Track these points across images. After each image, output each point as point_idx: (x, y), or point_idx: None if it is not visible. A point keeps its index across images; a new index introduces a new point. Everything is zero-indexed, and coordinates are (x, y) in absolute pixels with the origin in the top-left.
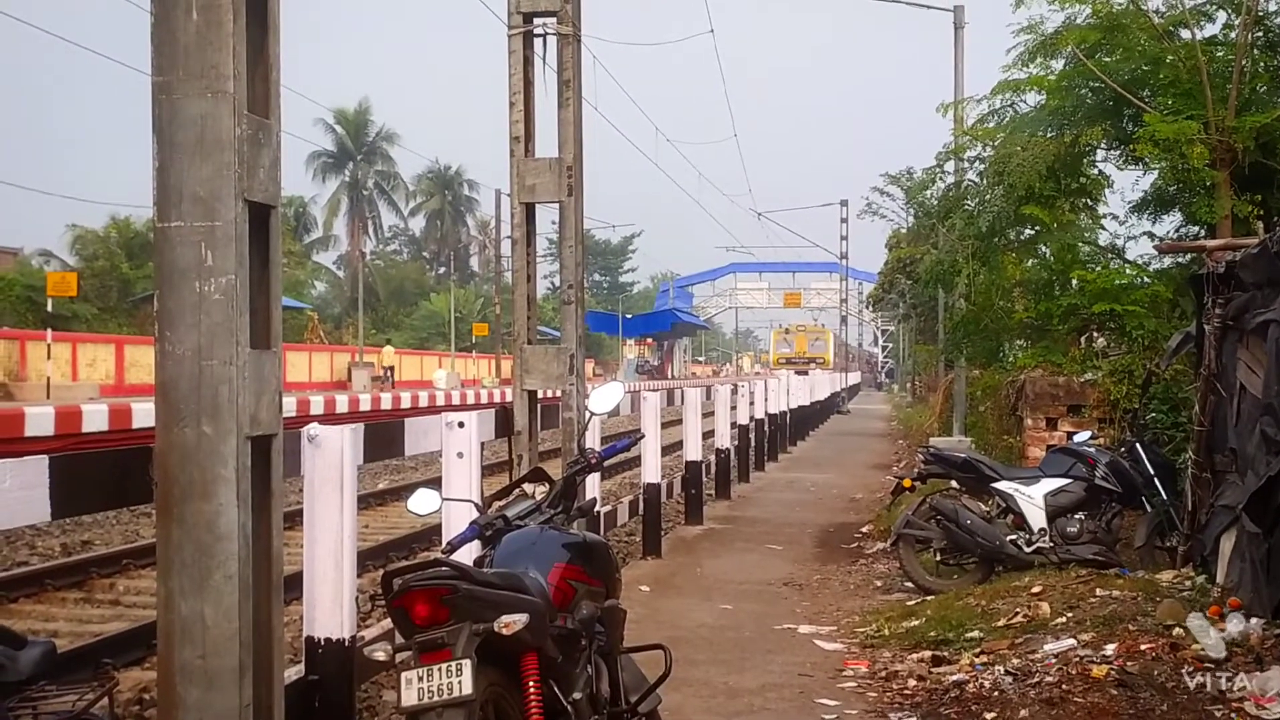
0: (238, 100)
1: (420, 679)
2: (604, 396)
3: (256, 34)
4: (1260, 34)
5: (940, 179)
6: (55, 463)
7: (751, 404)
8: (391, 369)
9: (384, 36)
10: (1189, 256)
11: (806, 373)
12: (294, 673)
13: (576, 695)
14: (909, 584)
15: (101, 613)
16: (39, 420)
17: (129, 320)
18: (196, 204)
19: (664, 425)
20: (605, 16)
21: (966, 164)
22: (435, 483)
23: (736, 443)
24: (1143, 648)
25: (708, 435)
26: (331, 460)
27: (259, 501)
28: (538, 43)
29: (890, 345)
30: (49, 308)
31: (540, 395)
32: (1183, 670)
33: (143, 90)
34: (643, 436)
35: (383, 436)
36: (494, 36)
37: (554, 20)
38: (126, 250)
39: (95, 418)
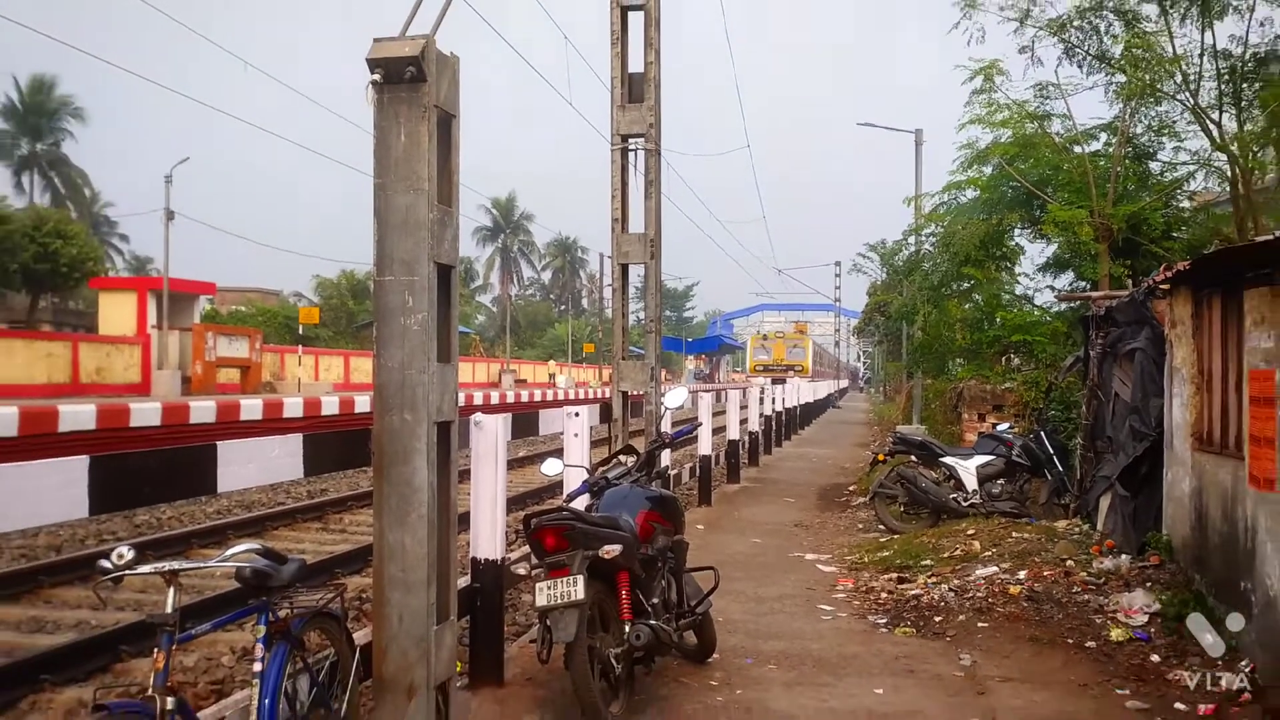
0: (430, 195)
1: (549, 588)
2: (674, 396)
3: (443, 150)
4: (1129, 149)
5: (905, 248)
6: (307, 438)
7: (774, 401)
8: (554, 375)
9: (526, 145)
10: (1079, 303)
11: (784, 381)
12: (463, 582)
13: (655, 600)
14: (881, 527)
15: (334, 538)
16: (293, 407)
17: (353, 340)
18: (402, 265)
19: (713, 415)
20: (674, 135)
21: (923, 238)
22: (558, 453)
23: (763, 427)
24: (1045, 574)
25: (743, 422)
26: (489, 438)
27: (441, 466)
28: (631, 155)
29: (869, 361)
30: (300, 331)
31: (630, 394)
32: (1074, 590)
33: (364, 185)
34: (700, 424)
35: (523, 422)
36: (602, 149)
37: (642, 140)
38: (352, 292)
39: (330, 405)
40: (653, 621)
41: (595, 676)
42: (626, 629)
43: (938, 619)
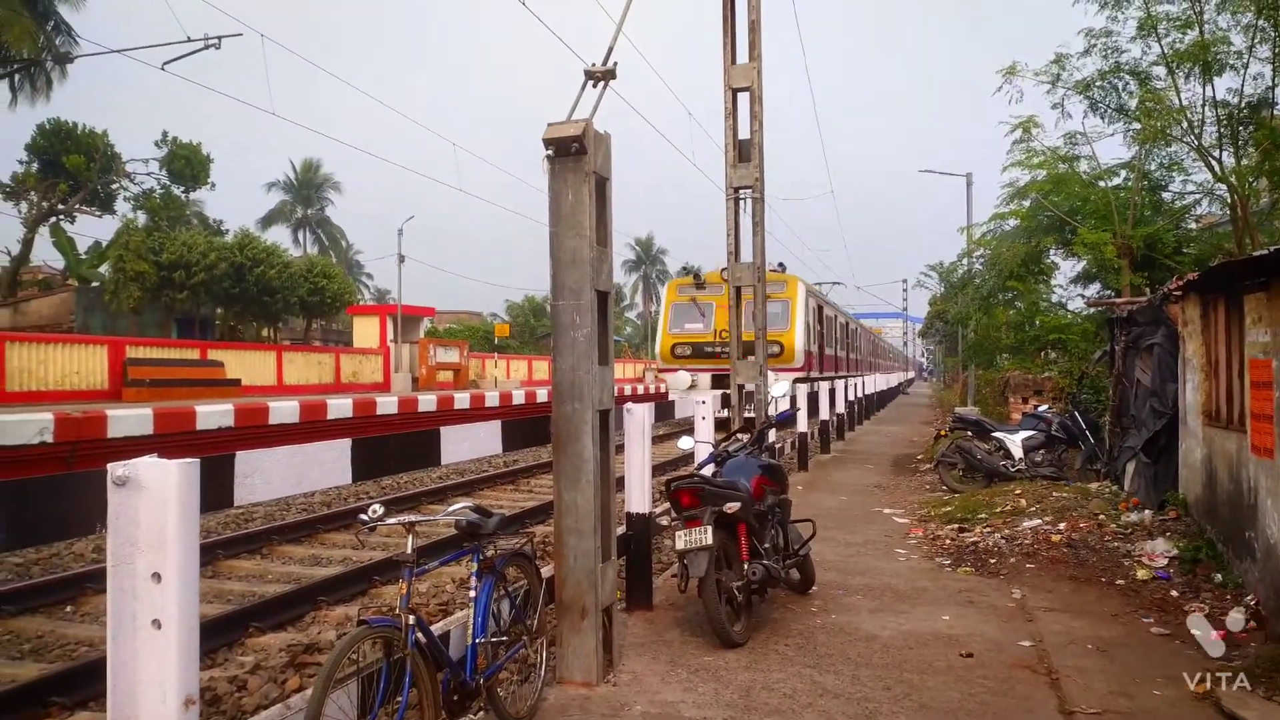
0: (590, 239)
1: (685, 535)
2: (778, 387)
3: (600, 205)
4: (1145, 182)
5: (959, 267)
6: (505, 424)
7: (856, 389)
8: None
9: (662, 198)
10: (1105, 308)
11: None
12: (621, 530)
13: (766, 545)
14: (944, 488)
15: (524, 496)
16: (492, 399)
17: (535, 348)
18: (571, 292)
19: (808, 401)
20: (773, 182)
21: (974, 259)
22: (690, 432)
23: (846, 410)
24: (1081, 525)
25: (831, 405)
26: (638, 421)
27: (603, 442)
28: (741, 203)
29: (931, 357)
30: (495, 342)
31: (744, 387)
32: (1105, 539)
33: (540, 233)
34: (798, 409)
35: (663, 408)
36: (719, 197)
37: (750, 190)
38: (533, 312)
39: (518, 397)
40: (765, 561)
41: (722, 603)
42: (745, 567)
43: (992, 561)
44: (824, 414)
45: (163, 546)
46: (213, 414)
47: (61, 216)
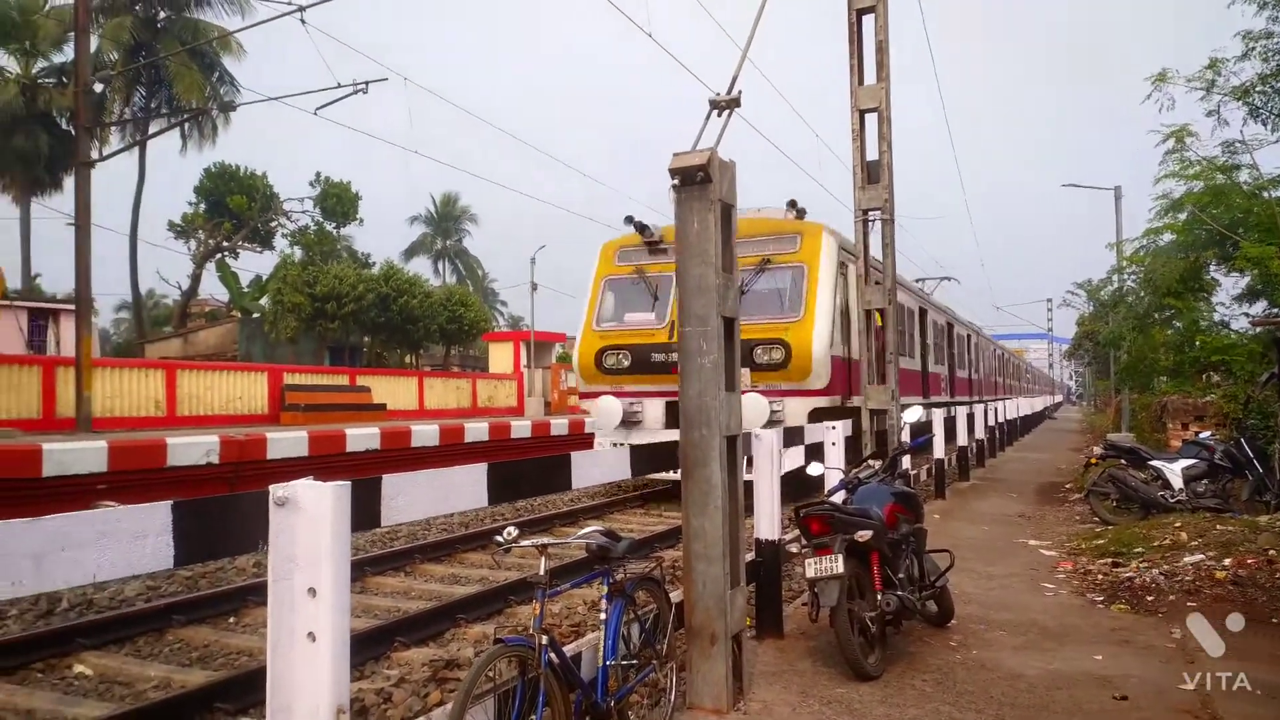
0: (716, 267)
1: (816, 563)
2: (911, 412)
3: (725, 232)
4: None
5: (1109, 285)
6: (634, 449)
7: (997, 413)
8: None
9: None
10: (1273, 327)
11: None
12: (750, 556)
13: (901, 575)
14: (1096, 519)
15: (653, 520)
16: None
17: None
18: (698, 319)
19: (944, 425)
20: (902, 201)
21: (1125, 276)
22: (820, 458)
23: (987, 436)
24: (1249, 562)
25: (971, 431)
26: (766, 448)
27: (730, 468)
28: (870, 225)
29: (1080, 379)
30: None
31: (876, 411)
32: (1276, 576)
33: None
34: (933, 435)
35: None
36: (847, 216)
37: (879, 212)
38: None
39: None
40: (900, 592)
41: (855, 633)
42: (879, 597)
43: (1150, 598)
44: (962, 439)
45: (318, 564)
46: (361, 436)
47: (226, 253)
